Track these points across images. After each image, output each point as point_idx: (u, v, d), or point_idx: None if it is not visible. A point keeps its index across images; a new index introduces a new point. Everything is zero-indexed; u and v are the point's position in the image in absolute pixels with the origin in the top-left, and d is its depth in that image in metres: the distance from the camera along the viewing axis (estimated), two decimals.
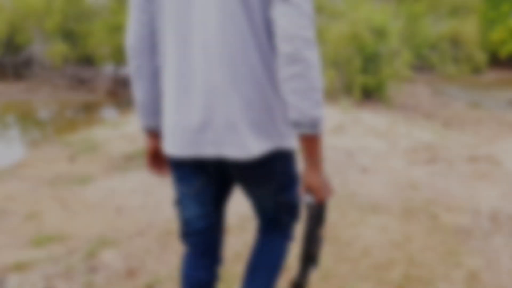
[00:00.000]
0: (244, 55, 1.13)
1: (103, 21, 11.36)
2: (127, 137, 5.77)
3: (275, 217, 1.47)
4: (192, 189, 1.31)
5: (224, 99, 1.13)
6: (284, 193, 1.38)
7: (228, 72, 1.12)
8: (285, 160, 1.31)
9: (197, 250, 1.41)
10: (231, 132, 1.15)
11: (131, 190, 3.88)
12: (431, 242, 2.86)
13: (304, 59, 1.04)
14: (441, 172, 4.54)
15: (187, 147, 1.20)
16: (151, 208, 3.46)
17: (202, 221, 1.37)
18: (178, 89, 1.17)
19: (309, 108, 1.07)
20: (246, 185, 1.35)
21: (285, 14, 1.05)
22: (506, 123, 8.61)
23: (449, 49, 16.57)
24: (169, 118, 1.22)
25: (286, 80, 1.07)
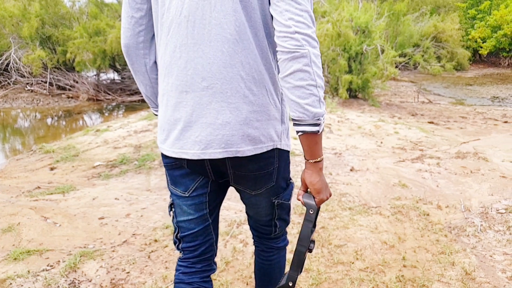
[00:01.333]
0: (244, 53, 1.12)
1: (82, 26, 11.14)
2: (110, 144, 5.62)
3: (270, 227, 1.48)
4: (188, 192, 1.30)
5: (221, 98, 1.13)
6: (280, 196, 1.37)
7: (226, 70, 1.11)
8: (282, 160, 1.30)
9: (192, 255, 1.39)
10: (230, 132, 1.14)
11: (115, 199, 3.75)
12: (424, 242, 2.80)
13: (305, 56, 1.04)
14: (430, 170, 4.51)
15: (187, 148, 1.17)
16: (135, 216, 3.34)
17: (197, 225, 1.35)
18: (177, 88, 1.15)
19: (311, 104, 1.06)
20: (245, 187, 1.32)
21: (285, 11, 1.05)
22: (491, 118, 8.68)
23: (432, 47, 16.72)
24: (166, 117, 1.20)
25: (287, 77, 1.06)
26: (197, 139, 1.15)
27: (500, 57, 22.23)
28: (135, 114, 8.32)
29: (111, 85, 12.48)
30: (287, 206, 1.44)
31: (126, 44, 1.26)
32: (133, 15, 1.21)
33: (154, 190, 4.05)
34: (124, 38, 1.26)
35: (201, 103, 1.13)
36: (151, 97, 1.37)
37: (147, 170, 4.62)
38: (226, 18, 1.09)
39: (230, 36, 1.10)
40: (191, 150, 1.16)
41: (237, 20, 1.09)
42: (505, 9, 20.79)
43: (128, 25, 1.23)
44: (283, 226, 1.50)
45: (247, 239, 2.82)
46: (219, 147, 1.15)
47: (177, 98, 1.16)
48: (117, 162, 4.89)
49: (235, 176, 1.27)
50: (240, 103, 1.14)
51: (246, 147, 1.16)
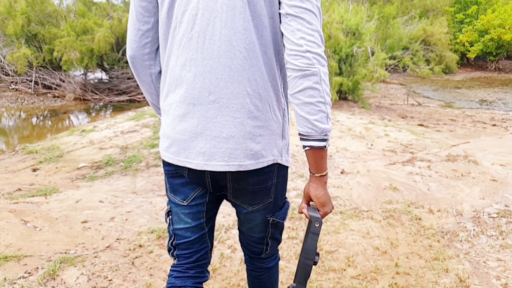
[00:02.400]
0: (251, 70, 1.15)
1: (70, 24, 10.92)
2: (96, 144, 5.48)
3: (262, 245, 1.48)
4: (186, 201, 1.31)
5: (227, 112, 1.15)
6: (275, 215, 1.38)
7: (233, 86, 1.14)
8: (281, 176, 1.31)
9: (186, 261, 1.39)
10: (233, 145, 1.16)
11: (99, 201, 3.63)
12: (417, 248, 2.73)
13: (315, 74, 1.07)
14: (421, 173, 4.47)
15: (191, 158, 1.19)
16: (120, 220, 3.22)
17: (193, 233, 1.36)
18: (185, 100, 1.18)
19: (320, 121, 1.10)
20: (242, 202, 1.33)
21: (297, 30, 1.08)
22: (479, 121, 8.72)
23: (421, 50, 16.82)
24: (171, 126, 1.22)
25: (297, 94, 1.10)
26: (201, 150, 1.17)
27: (487, 61, 22.47)
28: (122, 114, 8.16)
29: (98, 84, 12.27)
30: (281, 225, 1.44)
31: (132, 56, 1.28)
32: (140, 28, 1.23)
33: (140, 193, 3.93)
34: (130, 49, 1.28)
35: (207, 116, 1.16)
36: (157, 104, 1.39)
37: (133, 172, 4.50)
38: (236, 36, 1.12)
39: (239, 53, 1.12)
40: (195, 161, 1.18)
41: (247, 38, 1.12)
42: (492, 14, 21.04)
43: (135, 37, 1.25)
44: (274, 245, 1.50)
45: (235, 245, 2.73)
46: (222, 159, 1.17)
47: (184, 109, 1.18)
48: (103, 164, 4.76)
49: (234, 190, 1.28)
50: (244, 118, 1.16)
51: (248, 161, 1.18)
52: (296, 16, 1.09)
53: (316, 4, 1.11)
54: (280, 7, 1.13)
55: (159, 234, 2.94)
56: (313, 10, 1.10)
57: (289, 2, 1.10)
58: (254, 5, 1.11)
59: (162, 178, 4.29)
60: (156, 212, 3.41)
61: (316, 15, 1.11)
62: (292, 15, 1.10)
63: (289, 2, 1.10)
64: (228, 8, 1.11)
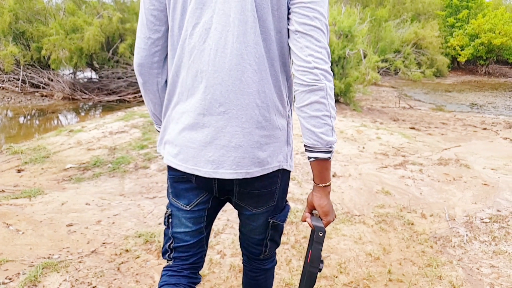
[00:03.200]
0: (261, 83, 1.19)
1: (59, 23, 10.75)
2: (84, 145, 5.37)
3: (261, 246, 1.50)
4: (189, 206, 1.34)
5: (236, 123, 1.18)
6: (276, 217, 1.41)
7: (243, 97, 1.18)
8: (284, 180, 1.35)
9: (182, 263, 1.41)
10: (241, 154, 1.20)
11: (85, 204, 3.53)
12: (410, 254, 2.69)
13: (322, 89, 1.12)
14: (413, 177, 4.44)
15: (200, 166, 1.22)
16: (107, 223, 3.13)
17: (192, 237, 1.39)
18: (195, 110, 1.21)
19: (325, 133, 1.14)
20: (247, 204, 1.36)
21: (306, 48, 1.13)
22: (470, 125, 8.75)
23: (412, 53, 16.89)
24: (181, 135, 1.24)
25: (304, 107, 1.14)
26: (210, 158, 1.20)
27: (477, 65, 22.69)
28: (111, 115, 8.04)
29: (88, 84, 12.09)
30: (281, 228, 1.47)
31: (140, 64, 1.28)
32: (151, 36, 1.25)
33: (128, 195, 3.84)
34: (139, 58, 1.28)
35: (216, 126, 1.19)
36: (159, 115, 1.39)
37: (121, 173, 4.41)
38: (247, 50, 1.15)
39: (249, 66, 1.16)
40: (203, 168, 1.21)
41: (258, 52, 1.16)
42: (482, 18, 21.26)
43: (145, 46, 1.26)
44: (273, 248, 1.53)
45: (225, 250, 2.66)
46: (230, 168, 1.20)
47: (195, 119, 1.21)
48: (90, 165, 4.66)
49: (240, 193, 1.31)
50: (253, 128, 1.19)
51: (255, 168, 1.22)
52: (305, 34, 1.13)
53: (324, 22, 1.15)
54: (289, 23, 1.18)
55: (146, 238, 2.86)
56: (322, 28, 1.14)
57: (299, 20, 1.14)
58: (263, 20, 1.16)
59: (151, 180, 4.21)
60: (144, 215, 3.32)
61: (324, 32, 1.15)
62: (301, 32, 1.14)
63: (299, 19, 1.14)
64: (240, 23, 1.14)
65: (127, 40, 11.22)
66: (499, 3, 27.80)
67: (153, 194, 3.86)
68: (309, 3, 1.14)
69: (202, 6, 1.16)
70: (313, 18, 1.13)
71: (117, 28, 11.12)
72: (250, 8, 1.14)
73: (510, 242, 2.93)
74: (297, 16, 1.15)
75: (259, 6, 1.15)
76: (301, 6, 1.14)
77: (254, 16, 1.14)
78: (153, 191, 3.95)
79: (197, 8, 1.16)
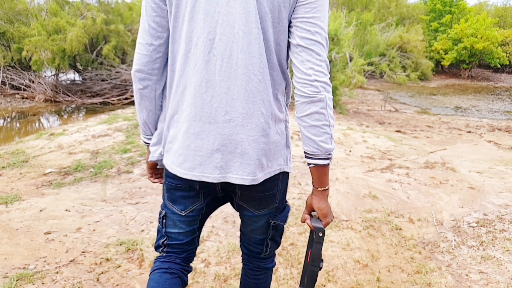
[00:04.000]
0: (264, 92, 1.22)
1: (41, 23, 10.50)
2: (65, 149, 5.22)
3: (262, 246, 1.53)
4: (185, 211, 1.39)
5: (242, 130, 1.22)
6: (277, 217, 1.45)
7: (248, 106, 1.21)
8: (284, 182, 1.40)
9: (175, 256, 1.46)
10: (247, 161, 1.23)
11: (65, 210, 3.41)
12: (398, 260, 2.64)
13: (322, 100, 1.17)
14: (400, 180, 4.42)
15: (207, 173, 1.24)
16: (87, 231, 3.02)
17: (185, 236, 1.44)
18: (200, 119, 1.23)
19: (325, 142, 1.20)
20: (249, 206, 1.39)
21: (306, 61, 1.18)
22: (455, 128, 8.82)
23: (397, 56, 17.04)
24: (185, 144, 1.26)
25: (305, 117, 1.20)
26: (218, 165, 1.23)
27: (460, 68, 23.02)
28: (94, 118, 7.88)
29: (71, 86, 11.84)
30: (282, 228, 1.50)
31: (140, 70, 1.29)
32: (153, 43, 1.26)
33: (110, 201, 3.73)
34: (140, 64, 1.28)
35: (223, 134, 1.22)
36: (150, 124, 1.39)
37: (103, 178, 4.29)
38: (252, 60, 1.18)
39: (254, 76, 1.19)
40: (211, 175, 1.24)
41: (261, 62, 1.20)
42: (465, 23, 21.59)
43: (146, 52, 1.27)
44: (274, 247, 1.55)
45: (209, 258, 2.57)
46: (236, 173, 1.23)
47: (200, 127, 1.23)
48: (71, 169, 4.52)
49: (242, 196, 1.35)
50: (258, 136, 1.23)
51: (259, 173, 1.25)
52: (306, 48, 1.18)
53: (324, 36, 1.20)
54: (290, 36, 1.23)
55: (128, 246, 2.76)
56: (322, 42, 1.19)
57: (301, 34, 1.19)
58: (265, 32, 1.20)
59: (134, 185, 4.10)
60: (126, 222, 3.22)
61: (324, 46, 1.20)
62: (302, 47, 1.19)
63: (301, 34, 1.19)
64: (244, 34, 1.17)
65: (111, 41, 11.02)
66: (481, 8, 28.33)
67: (136, 200, 3.75)
68: (311, 18, 1.19)
69: (205, 16, 1.18)
70: (314, 32, 1.18)
71: (101, 29, 10.91)
72: (254, 20, 1.17)
73: (497, 246, 2.91)
74: (299, 30, 1.20)
75: (262, 18, 1.18)
76: (303, 21, 1.19)
77: (258, 27, 1.18)
78: (136, 196, 3.85)
79: (201, 18, 1.18)
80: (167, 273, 1.41)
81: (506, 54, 22.57)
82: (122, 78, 11.09)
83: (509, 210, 3.66)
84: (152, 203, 3.63)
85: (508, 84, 21.16)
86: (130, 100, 10.59)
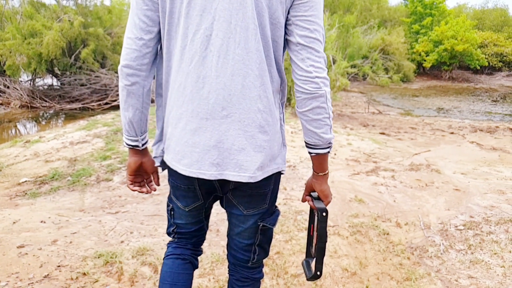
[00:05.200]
0: (261, 88, 1.23)
1: (15, 27, 10.18)
2: (41, 157, 5.04)
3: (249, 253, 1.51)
4: (187, 208, 1.44)
5: (239, 126, 1.22)
6: (266, 220, 1.43)
7: (245, 102, 1.22)
8: (277, 182, 1.41)
9: (186, 242, 1.55)
10: (244, 157, 1.24)
11: (40, 222, 3.25)
12: (387, 267, 2.57)
13: (323, 95, 1.21)
14: (385, 183, 4.37)
15: (204, 169, 1.25)
16: (63, 243, 2.88)
17: (193, 225, 1.51)
18: (198, 115, 1.23)
19: (325, 132, 1.26)
20: (239, 202, 1.39)
21: (307, 59, 1.20)
22: (438, 129, 8.87)
23: (380, 59, 17.16)
24: (183, 140, 1.27)
25: (306, 112, 1.24)
26: (215, 161, 1.24)
27: (441, 70, 23.34)
28: (73, 124, 7.66)
29: (48, 91, 11.52)
30: (270, 233, 1.49)
31: (129, 65, 1.25)
32: (143, 37, 1.24)
33: (88, 211, 3.58)
34: (128, 59, 1.25)
35: (220, 130, 1.22)
36: (136, 124, 1.34)
37: (81, 187, 4.13)
38: (249, 56, 1.19)
39: (251, 71, 1.20)
40: (208, 171, 1.25)
41: (259, 57, 1.20)
42: (445, 25, 21.91)
43: (136, 46, 1.24)
44: (261, 255, 1.53)
45: None
46: (233, 170, 1.24)
47: (197, 123, 1.23)
48: (48, 178, 4.35)
49: (234, 190, 1.37)
50: (255, 132, 1.23)
51: (258, 171, 1.26)
52: (306, 46, 1.20)
53: (322, 33, 1.22)
54: (289, 33, 1.24)
55: (106, 259, 2.63)
56: (320, 39, 1.21)
57: (300, 33, 1.21)
58: (263, 27, 1.20)
59: (113, 194, 3.96)
60: (105, 232, 3.08)
61: (322, 42, 1.22)
62: (302, 45, 1.21)
63: (300, 32, 1.21)
64: (241, 30, 1.18)
65: (90, 45, 10.77)
66: (460, 11, 28.84)
67: (115, 209, 3.61)
68: (310, 16, 1.20)
69: (201, 12, 1.17)
70: (313, 30, 1.20)
71: (79, 32, 10.64)
72: (251, 15, 1.17)
73: (485, 250, 2.87)
74: (298, 28, 1.21)
75: (259, 14, 1.18)
76: (302, 19, 1.21)
77: (255, 23, 1.18)
78: (116, 205, 3.71)
79: (197, 14, 1.18)
80: (179, 259, 1.51)
81: (485, 56, 22.99)
82: (102, 83, 10.85)
83: (495, 211, 3.65)
84: (132, 212, 3.50)
85: (488, 85, 21.56)
86: (111, 105, 10.37)
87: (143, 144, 1.38)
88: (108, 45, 11.20)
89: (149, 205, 3.66)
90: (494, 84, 22.05)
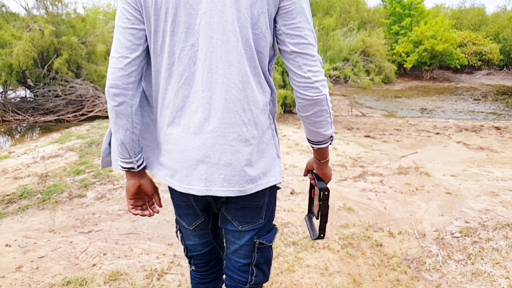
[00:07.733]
0: (245, 100, 1.20)
1: None
2: (10, 173, 4.72)
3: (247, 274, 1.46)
4: (191, 226, 1.46)
5: (224, 141, 1.21)
6: (262, 237, 1.41)
7: (229, 116, 1.20)
8: (272, 196, 1.38)
9: (203, 269, 1.58)
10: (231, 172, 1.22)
11: (5, 246, 2.97)
12: (383, 284, 2.37)
13: (323, 99, 1.21)
14: (374, 189, 4.19)
15: (194, 185, 1.25)
16: (29, 269, 2.61)
17: (203, 247, 1.53)
18: (188, 130, 1.23)
19: (327, 129, 1.28)
20: (233, 217, 1.37)
21: (303, 65, 1.19)
22: (423, 130, 8.78)
23: (361, 61, 17.15)
24: (173, 156, 1.27)
25: (309, 115, 1.25)
26: (203, 177, 1.23)
27: (422, 70, 23.51)
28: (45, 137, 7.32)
29: (21, 103, 11.06)
30: (268, 253, 1.45)
31: (115, 85, 1.21)
32: (128, 56, 1.20)
33: (58, 231, 3.31)
34: (114, 78, 1.21)
35: (206, 145, 1.22)
36: (128, 145, 1.29)
37: (52, 205, 3.84)
38: (230, 69, 1.17)
39: (233, 85, 1.18)
40: (197, 187, 1.25)
41: (241, 71, 1.18)
42: (424, 25, 22.10)
43: (121, 65, 1.21)
44: (259, 278, 1.48)
45: None
46: (221, 185, 1.23)
47: (187, 138, 1.24)
48: (16, 196, 4.04)
49: (227, 202, 1.36)
50: (241, 146, 1.22)
51: (247, 186, 1.25)
52: (300, 53, 1.19)
53: (313, 36, 1.21)
54: (281, 43, 1.22)
55: (75, 286, 2.37)
56: (312, 42, 1.20)
57: (293, 41, 1.19)
58: (246, 39, 1.18)
59: (87, 211, 3.68)
60: (75, 255, 2.82)
61: (315, 45, 1.21)
62: (297, 52, 1.19)
63: (293, 40, 1.19)
64: (222, 43, 1.16)
65: (63, 55, 10.38)
66: (438, 11, 29.22)
67: (88, 228, 3.34)
68: (299, 23, 1.18)
69: (186, 30, 1.17)
70: (305, 36, 1.18)
71: (52, 42, 10.25)
72: (231, 28, 1.15)
73: (486, 259, 2.69)
74: (289, 37, 1.19)
75: (242, 26, 1.16)
76: (292, 27, 1.19)
77: (236, 36, 1.16)
78: (89, 224, 3.44)
79: (182, 32, 1.17)
80: None
81: (465, 55, 23.26)
82: (77, 93, 10.47)
83: (490, 215, 3.49)
84: (107, 231, 3.24)
85: (468, 84, 21.79)
86: (87, 116, 10.01)
87: (138, 165, 1.33)
88: (83, 54, 10.83)
89: (124, 223, 3.40)
90: (475, 83, 22.31)
